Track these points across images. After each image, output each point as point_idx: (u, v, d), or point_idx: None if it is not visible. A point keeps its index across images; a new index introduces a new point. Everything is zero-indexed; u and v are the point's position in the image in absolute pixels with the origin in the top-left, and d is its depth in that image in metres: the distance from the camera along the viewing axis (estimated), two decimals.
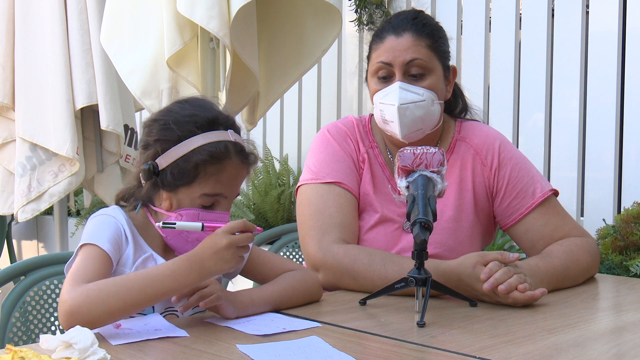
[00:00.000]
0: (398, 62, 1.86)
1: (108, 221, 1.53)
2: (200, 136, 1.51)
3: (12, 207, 3.27)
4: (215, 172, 1.51)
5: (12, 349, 1.12)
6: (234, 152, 1.53)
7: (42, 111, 3.18)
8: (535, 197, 1.93)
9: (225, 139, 1.53)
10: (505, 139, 2.02)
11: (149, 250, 1.56)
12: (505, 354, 1.27)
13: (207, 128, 1.53)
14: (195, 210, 1.52)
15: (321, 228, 1.84)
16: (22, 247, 5.44)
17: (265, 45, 2.93)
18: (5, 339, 1.69)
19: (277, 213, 4.02)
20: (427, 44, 1.88)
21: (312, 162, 1.97)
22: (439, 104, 1.91)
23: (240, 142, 1.56)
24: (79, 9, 3.16)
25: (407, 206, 1.54)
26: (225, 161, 1.52)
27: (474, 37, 3.52)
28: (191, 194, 1.52)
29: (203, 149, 1.51)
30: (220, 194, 1.53)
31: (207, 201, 1.53)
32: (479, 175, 1.96)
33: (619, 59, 3.08)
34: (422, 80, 1.87)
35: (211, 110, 1.57)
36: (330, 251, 1.79)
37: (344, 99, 4.18)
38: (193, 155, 1.50)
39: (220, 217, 1.53)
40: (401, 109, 1.84)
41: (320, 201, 1.88)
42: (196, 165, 1.50)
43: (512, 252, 1.66)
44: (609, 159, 3.10)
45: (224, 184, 1.53)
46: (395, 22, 1.92)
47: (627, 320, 1.54)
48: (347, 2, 3.89)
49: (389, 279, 1.64)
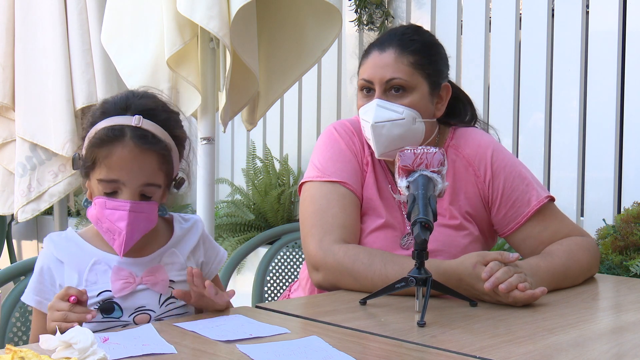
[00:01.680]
0: (377, 79, 1.86)
1: (38, 263, 1.55)
2: (103, 121, 1.52)
3: (12, 207, 3.27)
4: (105, 156, 1.49)
5: (12, 349, 1.12)
6: (130, 136, 1.49)
7: (42, 111, 3.19)
8: (531, 206, 1.92)
9: (124, 123, 1.50)
10: (498, 146, 1.99)
11: (96, 253, 1.54)
12: (506, 353, 1.27)
13: (113, 114, 1.52)
14: (102, 199, 1.50)
15: (323, 227, 1.83)
16: (22, 247, 5.44)
17: (265, 45, 2.93)
18: (5, 339, 1.69)
19: (277, 213, 4.02)
20: (410, 61, 1.86)
21: (317, 159, 1.95)
22: (423, 123, 1.88)
23: (147, 128, 1.51)
24: (79, 9, 3.17)
25: (408, 206, 1.54)
26: (114, 144, 1.48)
27: (474, 37, 3.52)
28: (94, 181, 1.52)
29: (97, 133, 1.50)
30: (115, 180, 1.49)
31: (106, 188, 1.50)
32: (472, 186, 1.95)
33: (619, 59, 3.08)
34: (403, 98, 1.86)
35: (126, 98, 1.56)
36: (330, 251, 1.79)
37: (344, 99, 4.18)
38: (91, 140, 1.51)
39: (119, 206, 1.50)
40: (376, 127, 1.84)
41: (324, 200, 1.87)
42: (92, 150, 1.50)
43: (511, 252, 1.66)
44: (609, 159, 3.09)
45: (117, 169, 1.48)
46: (383, 38, 1.91)
47: (628, 320, 1.54)
48: (347, 2, 3.89)
49: (390, 279, 1.64)
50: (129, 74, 2.75)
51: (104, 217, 1.50)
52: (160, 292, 1.54)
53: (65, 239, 1.57)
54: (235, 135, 4.63)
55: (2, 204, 3.32)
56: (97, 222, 1.52)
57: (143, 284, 1.54)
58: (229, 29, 2.51)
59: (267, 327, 1.42)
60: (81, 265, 1.53)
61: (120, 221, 1.49)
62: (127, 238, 1.50)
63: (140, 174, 1.50)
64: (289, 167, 4.21)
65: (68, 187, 3.21)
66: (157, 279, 1.55)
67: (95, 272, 1.53)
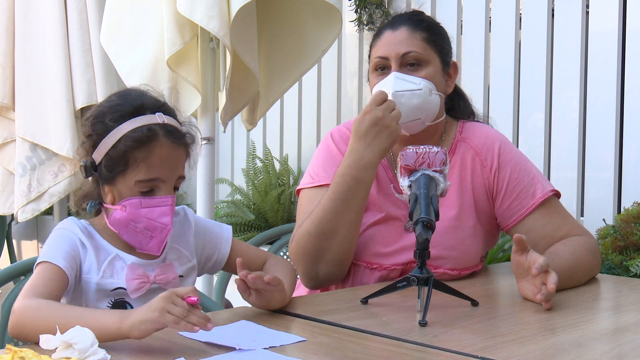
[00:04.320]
0: (393, 55, 1.89)
1: (62, 236, 1.53)
2: (126, 123, 1.51)
3: (12, 207, 3.27)
4: (144, 157, 1.50)
5: (12, 349, 1.12)
6: (163, 133, 1.51)
7: (42, 111, 3.18)
8: (535, 198, 1.92)
9: (151, 122, 1.52)
10: (505, 139, 2.01)
11: (113, 250, 1.55)
12: (507, 353, 1.27)
13: (133, 115, 1.52)
14: (137, 199, 1.51)
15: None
16: (22, 247, 5.44)
17: (265, 45, 2.93)
18: (5, 339, 1.68)
19: (277, 213, 4.01)
20: (422, 37, 1.90)
21: (311, 167, 1.99)
22: (439, 95, 1.91)
23: (171, 123, 1.54)
24: (79, 9, 3.16)
25: (410, 205, 1.54)
26: (152, 144, 1.50)
27: (474, 37, 3.52)
28: (128, 183, 1.51)
29: (128, 135, 1.50)
30: (155, 178, 1.51)
31: (144, 187, 1.51)
32: (478, 176, 1.95)
33: (619, 59, 3.08)
34: (418, 71, 1.89)
35: (137, 97, 1.57)
36: None
37: (344, 99, 4.18)
38: (120, 143, 1.50)
39: (161, 202, 1.51)
40: (396, 96, 1.85)
41: (311, 205, 1.88)
42: (124, 153, 1.50)
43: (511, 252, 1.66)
44: (609, 159, 3.09)
45: (157, 167, 1.51)
46: (392, 20, 1.97)
47: (629, 321, 1.54)
48: (347, 2, 3.88)
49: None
50: (129, 74, 2.75)
51: (141, 216, 1.51)
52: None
53: (85, 227, 1.56)
54: (235, 135, 4.63)
55: (2, 204, 3.31)
56: (129, 223, 1.52)
57: (156, 283, 1.55)
58: (229, 29, 2.50)
59: (283, 336, 1.38)
60: (100, 257, 1.53)
61: (163, 217, 1.51)
62: (168, 233, 1.53)
63: (176, 169, 1.54)
64: (289, 167, 4.20)
65: (68, 187, 3.21)
66: (169, 277, 1.57)
67: (113, 267, 1.54)
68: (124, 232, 1.54)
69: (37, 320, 1.33)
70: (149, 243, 1.53)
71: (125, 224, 1.52)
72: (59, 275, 1.46)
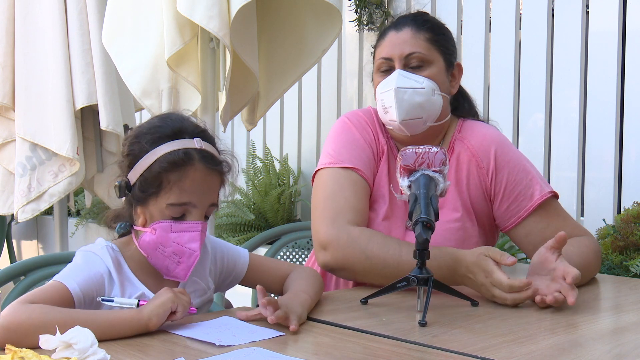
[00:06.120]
0: (397, 55, 1.89)
1: (90, 262, 1.49)
2: (164, 145, 1.50)
3: (12, 207, 3.27)
4: (177, 180, 1.48)
5: (12, 349, 1.12)
6: (198, 158, 1.50)
7: (42, 111, 3.18)
8: (533, 200, 1.92)
9: (188, 146, 1.51)
10: (503, 139, 2.00)
11: (140, 287, 1.52)
12: (507, 353, 1.27)
13: (172, 138, 1.51)
14: (167, 223, 1.49)
15: (335, 209, 1.83)
16: (22, 247, 5.45)
17: (265, 45, 2.93)
18: None
19: (277, 213, 4.02)
20: (426, 37, 1.91)
21: (331, 147, 1.96)
22: (442, 96, 1.91)
23: (208, 149, 1.53)
24: (79, 9, 3.16)
25: (409, 205, 1.54)
26: (186, 168, 1.49)
27: (474, 37, 3.52)
28: (159, 206, 1.50)
29: (164, 157, 1.49)
30: (187, 202, 1.49)
31: (175, 212, 1.50)
32: (474, 177, 1.95)
33: (619, 59, 3.08)
34: (422, 71, 1.89)
35: (177, 120, 1.55)
36: (344, 229, 1.78)
37: (344, 99, 4.18)
38: (155, 165, 1.49)
39: (191, 227, 1.50)
40: (398, 91, 1.85)
41: (337, 185, 1.87)
42: (158, 175, 1.48)
43: (511, 252, 1.66)
44: (609, 159, 3.09)
45: (189, 192, 1.49)
46: (396, 21, 1.97)
47: (629, 321, 1.54)
48: (347, 2, 3.89)
49: (403, 261, 1.67)
50: (130, 74, 2.75)
51: (170, 240, 1.49)
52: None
53: (116, 256, 1.53)
54: (235, 135, 4.63)
55: (2, 204, 3.31)
56: (158, 247, 1.50)
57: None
58: (229, 29, 2.50)
59: (262, 331, 1.39)
60: (126, 293, 1.50)
61: (191, 242, 1.50)
62: (196, 259, 1.52)
63: (209, 195, 1.53)
64: (289, 167, 4.21)
65: (68, 187, 3.20)
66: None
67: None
68: (152, 256, 1.52)
69: (41, 324, 1.28)
70: (176, 269, 1.52)
71: (154, 247, 1.51)
72: (65, 297, 1.41)
